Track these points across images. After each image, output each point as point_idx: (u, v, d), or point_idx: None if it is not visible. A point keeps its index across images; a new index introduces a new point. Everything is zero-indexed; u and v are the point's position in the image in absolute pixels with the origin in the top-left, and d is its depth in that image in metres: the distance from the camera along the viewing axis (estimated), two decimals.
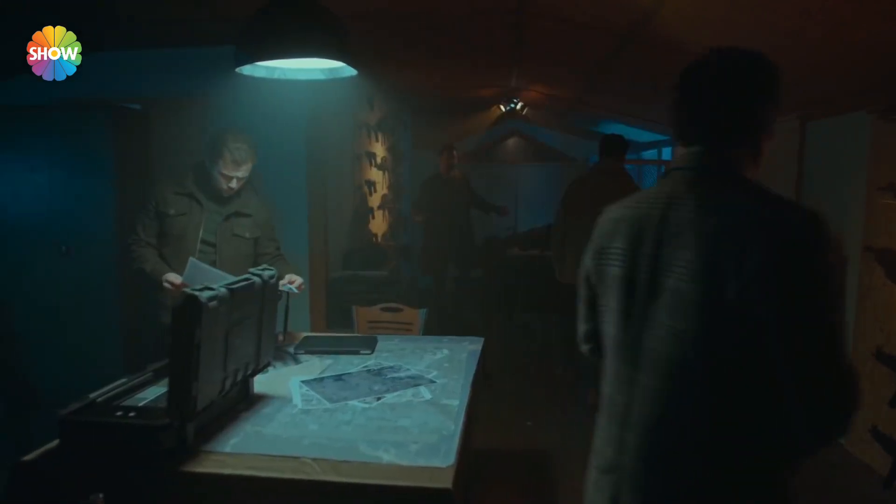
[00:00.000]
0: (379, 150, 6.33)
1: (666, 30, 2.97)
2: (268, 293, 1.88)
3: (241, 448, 1.61)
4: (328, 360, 2.42)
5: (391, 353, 2.55)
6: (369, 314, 3.16)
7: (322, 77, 2.18)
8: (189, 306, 1.45)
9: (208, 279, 2.31)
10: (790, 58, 3.03)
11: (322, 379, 2.19)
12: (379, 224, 6.36)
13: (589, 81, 4.69)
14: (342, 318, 4.44)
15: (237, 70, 1.98)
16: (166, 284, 2.46)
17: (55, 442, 1.60)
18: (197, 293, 1.47)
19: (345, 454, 1.57)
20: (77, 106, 3.83)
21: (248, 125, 4.06)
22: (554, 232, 4.19)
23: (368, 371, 2.29)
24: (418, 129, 7.34)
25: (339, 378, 2.20)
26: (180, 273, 2.45)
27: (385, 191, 6.65)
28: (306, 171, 4.22)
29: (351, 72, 2.07)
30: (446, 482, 1.44)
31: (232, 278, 2.27)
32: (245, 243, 2.66)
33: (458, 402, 1.98)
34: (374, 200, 6.18)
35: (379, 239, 6.18)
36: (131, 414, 1.57)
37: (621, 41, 3.34)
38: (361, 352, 2.51)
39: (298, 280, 2.56)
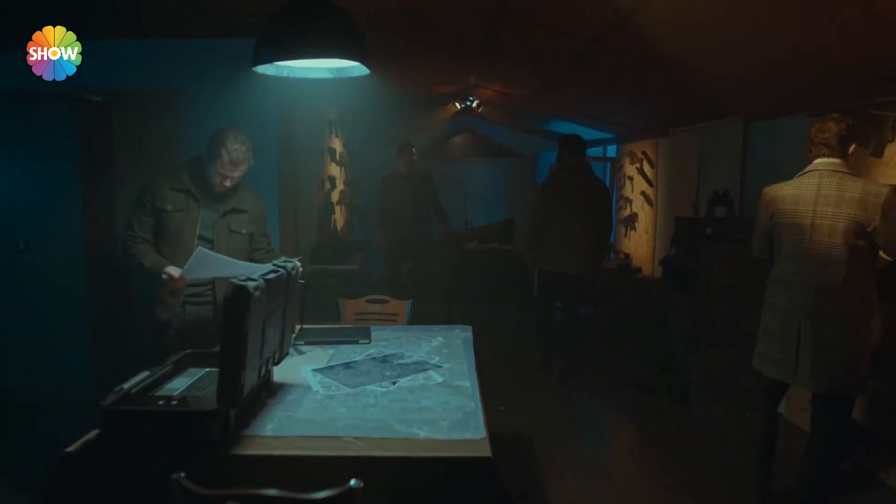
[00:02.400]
0: (338, 145, 6.36)
1: (633, 37, 3.20)
2: (291, 285, 1.95)
3: (281, 431, 1.69)
4: (330, 350, 2.50)
5: (388, 341, 2.65)
6: (356, 306, 3.24)
7: (330, 76, 2.26)
8: (238, 296, 1.52)
9: (215, 268, 2.34)
10: (740, 64, 3.33)
11: (332, 367, 2.27)
12: (338, 219, 6.39)
13: (549, 81, 4.91)
14: (315, 311, 4.48)
15: (254, 69, 2.03)
16: (164, 277, 2.46)
17: (94, 432, 1.62)
18: (244, 283, 1.54)
19: (382, 432, 1.68)
20: (38, 97, 3.69)
21: (218, 119, 4.06)
22: (531, 224, 4.46)
23: (374, 359, 2.39)
24: (373, 124, 7.38)
25: (348, 366, 2.29)
26: (179, 267, 2.46)
27: (342, 186, 6.68)
28: (277, 165, 4.23)
29: (362, 71, 2.15)
30: (485, 451, 1.57)
31: (239, 263, 2.34)
32: (241, 239, 2.68)
33: (468, 383, 2.12)
34: (335, 196, 6.20)
35: (339, 234, 6.22)
36: (173, 403, 1.61)
37: (589, 45, 3.55)
38: (360, 341, 2.61)
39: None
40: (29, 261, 3.82)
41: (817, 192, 2.45)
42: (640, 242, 6.44)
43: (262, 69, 2.08)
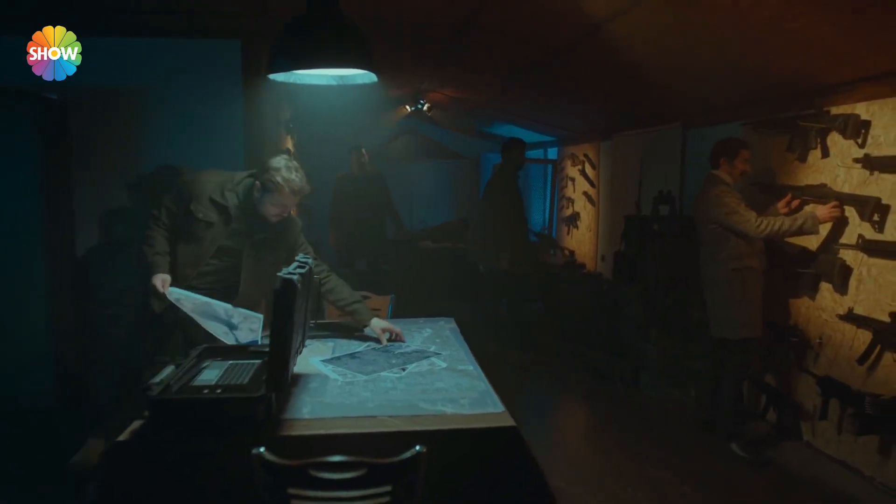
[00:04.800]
0: (291, 146, 6.36)
1: (593, 48, 3.49)
2: (311, 280, 2.07)
3: (317, 414, 1.82)
4: (330, 343, 2.62)
5: None
6: None
7: (333, 83, 2.39)
8: (288, 288, 1.64)
9: (195, 309, 2.40)
10: (684, 77, 3.69)
11: (339, 358, 2.41)
12: None
13: (503, 87, 5.17)
14: None
15: (269, 76, 2.13)
16: (152, 282, 2.48)
17: (138, 422, 1.70)
18: (291, 276, 1.66)
19: (411, 411, 1.85)
20: None
21: (182, 119, 4.06)
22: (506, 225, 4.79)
23: (375, 349, 2.54)
24: (323, 125, 7.42)
25: (354, 356, 2.43)
26: (175, 263, 2.52)
27: None
28: (244, 167, 4.24)
29: (365, 79, 2.30)
30: (509, 421, 1.77)
31: (218, 305, 2.37)
32: (271, 266, 2.54)
33: (471, 367, 2.31)
34: None
35: None
36: (218, 391, 1.72)
37: (551, 54, 3.82)
38: (355, 334, 2.75)
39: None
40: None
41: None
42: (583, 240, 6.83)
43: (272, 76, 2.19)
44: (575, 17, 3.07)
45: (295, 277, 1.68)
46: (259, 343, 2.31)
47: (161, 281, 2.48)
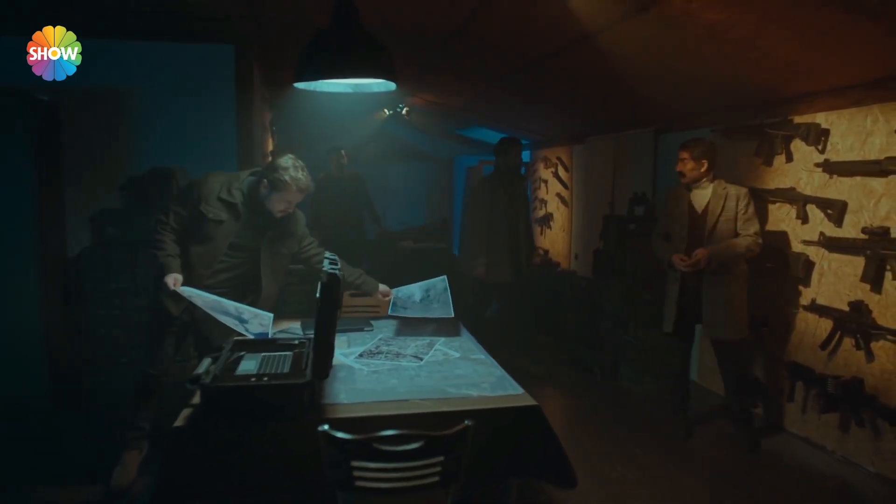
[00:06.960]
0: (271, 147, 6.42)
1: (579, 57, 3.71)
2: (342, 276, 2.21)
3: (354, 399, 1.97)
4: (343, 338, 2.76)
5: (387, 328, 2.97)
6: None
7: (349, 90, 2.53)
8: (333, 282, 1.79)
9: (206, 304, 2.50)
10: (659, 84, 3.95)
11: (359, 349, 2.57)
12: None
13: (483, 93, 5.36)
14: (290, 307, 4.59)
15: (295, 85, 2.26)
16: (165, 280, 2.55)
17: (188, 409, 1.82)
18: (335, 271, 1.81)
19: (440, 394, 2.02)
20: None
21: (174, 121, 4.12)
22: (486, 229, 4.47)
23: (392, 339, 2.73)
24: (302, 127, 7.49)
25: (376, 342, 2.62)
26: (189, 265, 2.61)
27: None
28: (237, 168, 4.32)
29: (380, 88, 2.45)
30: (531, 401, 1.96)
31: (228, 303, 2.49)
32: (285, 258, 2.80)
33: (483, 356, 2.49)
34: None
35: None
36: (264, 378, 1.85)
37: (536, 62, 4.03)
38: (365, 329, 2.91)
39: None
40: None
41: None
42: (556, 239, 7.09)
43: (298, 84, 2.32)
44: (562, 29, 3.28)
45: (338, 272, 1.83)
46: (270, 336, 2.43)
47: (173, 280, 2.56)
